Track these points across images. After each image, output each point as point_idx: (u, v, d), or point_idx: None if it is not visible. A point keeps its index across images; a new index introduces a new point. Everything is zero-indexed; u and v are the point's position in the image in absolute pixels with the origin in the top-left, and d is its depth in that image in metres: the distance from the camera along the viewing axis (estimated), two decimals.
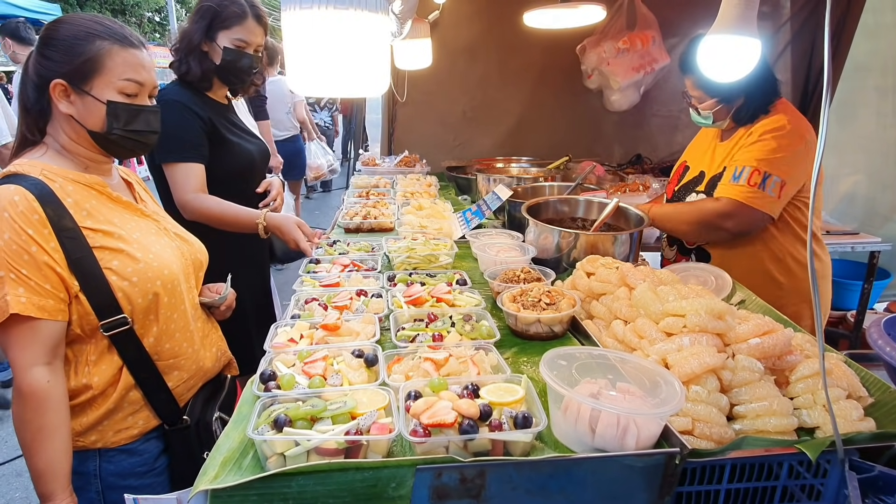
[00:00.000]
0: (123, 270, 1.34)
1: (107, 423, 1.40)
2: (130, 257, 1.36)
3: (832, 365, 1.29)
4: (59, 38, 1.34)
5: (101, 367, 1.37)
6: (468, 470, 1.01)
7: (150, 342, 1.41)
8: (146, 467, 1.47)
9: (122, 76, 1.36)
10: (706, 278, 1.86)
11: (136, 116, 1.40)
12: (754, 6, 1.45)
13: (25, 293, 1.22)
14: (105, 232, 1.35)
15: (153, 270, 1.39)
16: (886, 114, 3.56)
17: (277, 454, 1.01)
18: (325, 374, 1.23)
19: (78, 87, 1.34)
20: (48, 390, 1.26)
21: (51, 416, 1.27)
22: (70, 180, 1.36)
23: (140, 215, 1.49)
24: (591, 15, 2.67)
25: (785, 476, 1.13)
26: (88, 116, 1.36)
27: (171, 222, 1.60)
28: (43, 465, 1.27)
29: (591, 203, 2.36)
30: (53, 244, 1.26)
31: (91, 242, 1.32)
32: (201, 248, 1.64)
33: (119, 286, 1.33)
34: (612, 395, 1.11)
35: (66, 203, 1.31)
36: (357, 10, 1.13)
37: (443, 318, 1.51)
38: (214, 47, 2.04)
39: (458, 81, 3.98)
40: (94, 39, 1.34)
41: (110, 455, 1.42)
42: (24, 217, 1.24)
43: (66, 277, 1.28)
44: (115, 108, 1.36)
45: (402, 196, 3.04)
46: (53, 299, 1.26)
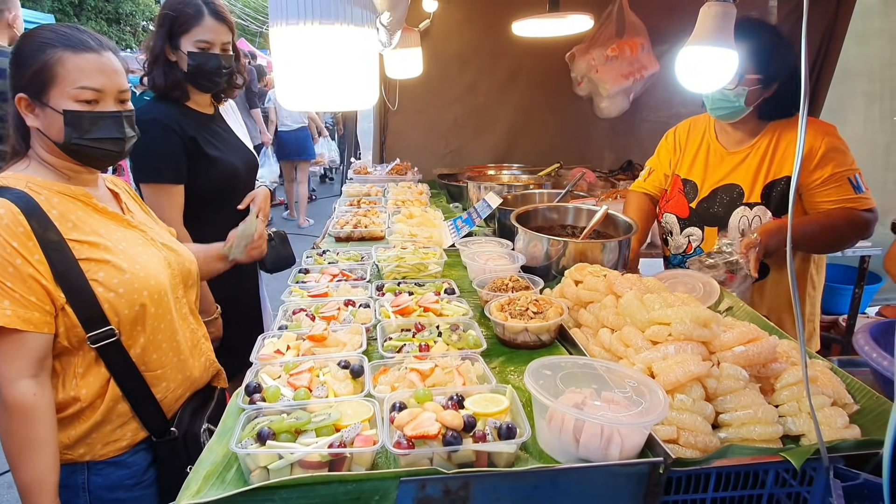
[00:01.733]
0: (109, 282, 1.34)
1: (95, 435, 1.39)
2: (116, 268, 1.35)
3: (817, 372, 1.29)
4: (19, 51, 1.34)
5: (88, 380, 1.36)
6: (452, 481, 1.01)
7: (137, 353, 1.41)
8: (134, 480, 1.46)
9: (75, 84, 1.32)
10: (694, 285, 1.87)
11: (94, 124, 1.35)
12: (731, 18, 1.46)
13: (10, 306, 1.22)
14: (91, 243, 1.35)
15: (140, 281, 1.38)
16: (874, 119, 3.60)
17: (261, 467, 1.00)
18: (311, 385, 1.23)
19: (37, 99, 1.33)
20: (34, 403, 1.26)
21: (37, 429, 1.27)
22: (55, 192, 1.36)
23: (126, 226, 1.48)
24: (578, 24, 2.69)
25: (771, 484, 1.13)
26: (51, 128, 1.35)
27: (160, 232, 1.60)
28: (30, 478, 1.27)
29: (580, 210, 2.37)
30: (38, 256, 1.26)
31: (76, 254, 1.31)
32: (190, 258, 1.63)
33: (105, 297, 1.33)
34: (597, 404, 1.11)
35: (51, 215, 1.31)
36: (343, 25, 1.14)
37: (430, 328, 1.51)
38: (180, 54, 2.00)
39: (449, 89, 4.00)
40: (46, 49, 1.32)
41: (99, 468, 1.41)
42: (8, 230, 1.24)
43: (51, 290, 1.27)
44: (71, 117, 1.33)
45: (394, 204, 3.04)
46: (39, 311, 1.26)
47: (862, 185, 1.93)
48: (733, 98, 1.95)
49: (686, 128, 2.28)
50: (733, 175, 2.08)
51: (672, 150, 2.30)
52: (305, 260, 2.14)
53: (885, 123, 3.62)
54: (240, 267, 2.10)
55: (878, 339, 1.38)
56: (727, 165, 2.10)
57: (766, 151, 2.01)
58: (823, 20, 3.07)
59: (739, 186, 2.06)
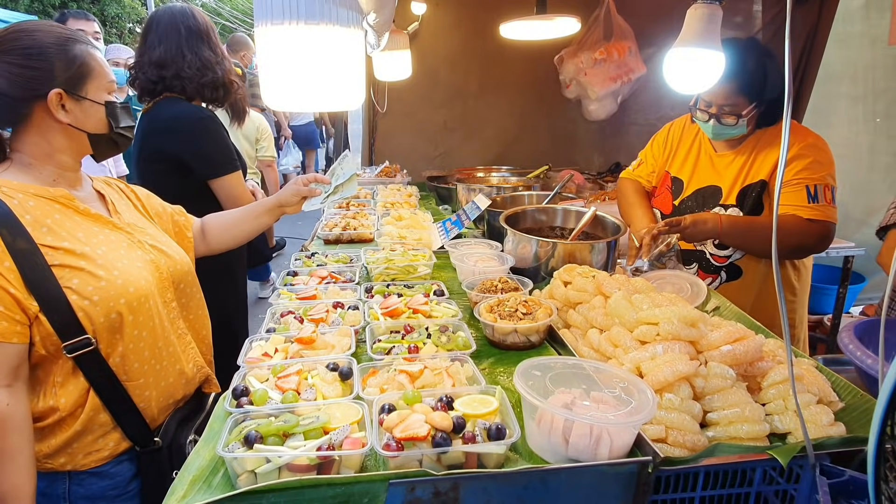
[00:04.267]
0: (84, 289, 1.29)
1: (76, 445, 1.35)
2: (92, 275, 1.31)
3: (803, 370, 1.31)
4: (35, 47, 1.30)
5: (67, 389, 1.32)
6: (442, 483, 1.00)
7: (116, 362, 1.35)
8: (118, 491, 1.42)
9: (107, 77, 1.40)
10: (681, 285, 1.88)
11: (125, 113, 1.44)
12: (717, 20, 1.48)
13: None
14: (66, 250, 1.30)
15: (116, 289, 1.33)
16: (858, 121, 3.65)
17: (248, 471, 0.99)
18: (299, 388, 1.22)
19: (74, 93, 1.34)
20: (6, 413, 1.22)
21: (11, 439, 1.23)
22: (31, 195, 1.31)
23: (111, 228, 1.44)
24: (566, 27, 2.70)
25: (758, 482, 1.14)
26: (88, 120, 1.38)
27: (151, 233, 1.54)
28: (6, 488, 1.23)
29: (568, 212, 2.38)
30: (8, 263, 1.22)
31: (50, 260, 1.27)
32: (183, 259, 1.58)
33: (80, 305, 1.28)
34: (586, 404, 1.11)
35: (23, 220, 1.26)
36: (328, 25, 1.14)
37: (419, 330, 1.51)
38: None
39: (438, 92, 4.00)
40: (70, 44, 1.34)
41: (80, 478, 1.37)
42: None
43: (21, 298, 1.23)
44: (111, 109, 1.40)
45: (383, 206, 3.03)
46: (7, 321, 1.21)
47: (821, 196, 1.90)
48: (734, 129, 2.00)
49: (681, 125, 2.29)
50: (716, 177, 2.11)
51: (664, 146, 2.31)
52: (294, 262, 2.13)
53: (869, 125, 3.68)
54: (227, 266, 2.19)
55: (862, 337, 1.40)
56: (713, 167, 2.13)
57: (749, 156, 2.05)
58: (806, 24, 3.11)
59: (719, 188, 2.09)
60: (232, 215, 1.87)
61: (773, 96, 1.95)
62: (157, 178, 2.08)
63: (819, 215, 1.90)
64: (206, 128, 2.10)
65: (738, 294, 1.99)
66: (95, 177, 1.57)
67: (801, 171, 1.93)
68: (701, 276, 2.16)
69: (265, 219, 1.85)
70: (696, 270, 2.19)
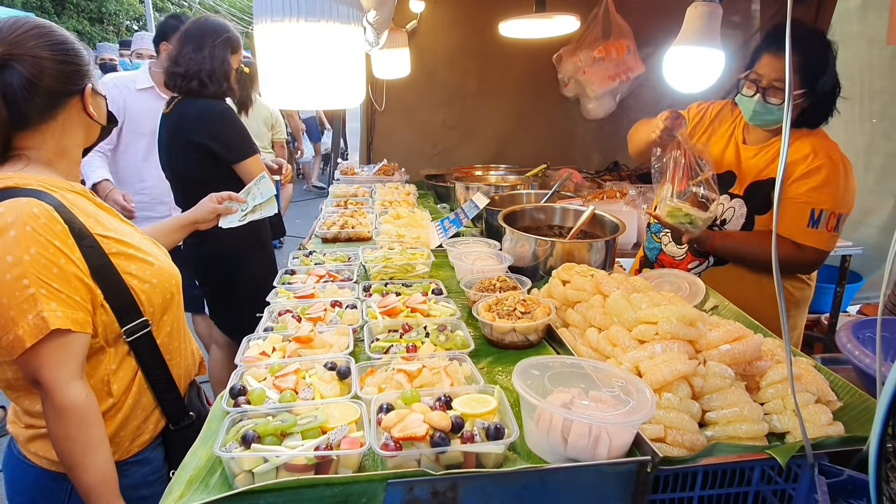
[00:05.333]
0: (143, 274, 1.35)
1: (123, 433, 1.37)
2: (145, 262, 1.37)
3: (802, 370, 1.31)
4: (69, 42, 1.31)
5: (118, 375, 1.34)
6: (440, 483, 1.00)
7: (162, 341, 1.41)
8: (157, 475, 1.46)
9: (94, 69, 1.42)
10: (680, 284, 1.88)
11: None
12: (717, 19, 1.47)
13: (59, 307, 1.17)
14: (115, 239, 1.33)
15: (166, 271, 1.42)
16: (854, 121, 3.65)
17: (245, 471, 0.99)
18: (297, 387, 1.21)
19: (95, 88, 1.38)
20: (88, 405, 1.22)
21: (95, 430, 1.24)
22: (66, 189, 1.31)
23: (121, 220, 1.47)
24: (565, 25, 2.69)
25: (757, 481, 1.14)
26: (101, 113, 1.42)
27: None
28: (94, 479, 1.23)
29: (567, 211, 2.38)
30: (78, 254, 1.23)
31: (107, 249, 1.29)
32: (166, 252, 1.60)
33: (141, 289, 1.34)
34: (585, 404, 1.11)
35: (73, 211, 1.26)
36: (328, 22, 1.13)
37: (417, 329, 1.50)
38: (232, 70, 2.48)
39: (437, 90, 3.99)
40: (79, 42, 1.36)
41: (124, 468, 1.38)
42: (48, 229, 1.18)
43: (92, 287, 1.25)
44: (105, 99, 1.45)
45: (381, 205, 3.03)
46: (83, 311, 1.22)
47: (823, 223, 1.85)
48: (775, 111, 1.92)
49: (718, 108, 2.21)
50: (736, 165, 2.09)
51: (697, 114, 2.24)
52: (292, 261, 2.12)
53: (865, 125, 3.68)
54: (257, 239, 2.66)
55: (860, 336, 1.40)
56: (736, 156, 2.10)
57: (774, 155, 2.01)
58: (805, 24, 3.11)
59: (735, 176, 2.08)
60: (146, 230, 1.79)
61: (824, 90, 1.88)
62: (189, 166, 2.47)
63: (813, 242, 1.87)
64: (227, 119, 2.44)
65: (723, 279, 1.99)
66: None
67: (813, 189, 1.87)
68: (690, 257, 2.19)
69: (177, 235, 1.84)
70: (685, 251, 2.21)
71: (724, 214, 2.09)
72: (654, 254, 2.34)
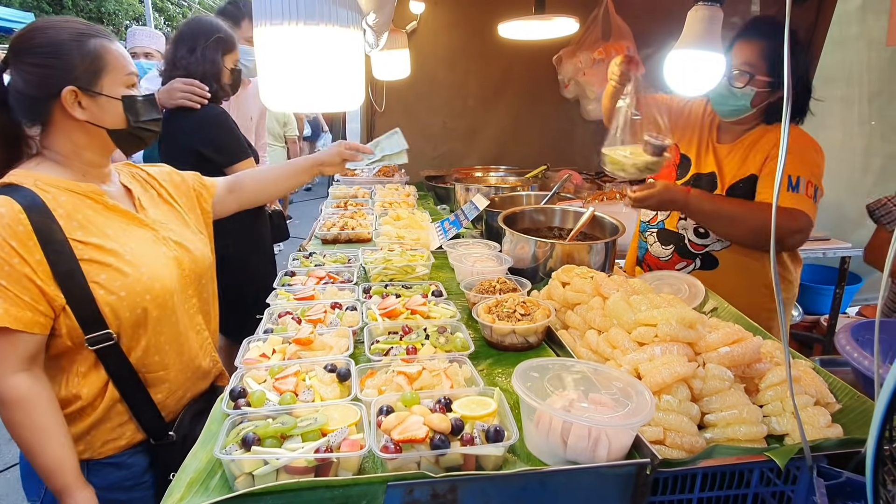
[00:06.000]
0: (111, 284, 1.32)
1: (94, 433, 1.39)
2: (119, 271, 1.34)
3: (800, 372, 1.31)
4: (50, 44, 1.30)
5: (89, 379, 1.36)
6: (440, 485, 1.00)
7: (137, 356, 1.40)
8: (133, 481, 1.46)
9: (124, 70, 1.38)
10: (679, 287, 1.88)
11: (145, 107, 1.42)
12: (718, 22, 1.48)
13: (2, 304, 1.21)
14: (95, 245, 1.33)
15: (142, 285, 1.37)
16: (853, 123, 3.66)
17: (245, 474, 0.99)
18: (297, 389, 1.21)
19: (89, 89, 1.32)
20: (29, 394, 1.26)
21: (41, 417, 1.27)
22: (64, 190, 1.33)
23: (138, 224, 1.46)
24: (564, 27, 2.70)
25: (756, 483, 1.14)
26: (105, 116, 1.36)
27: (174, 229, 1.56)
28: (48, 461, 1.27)
29: (566, 212, 2.38)
30: (39, 256, 1.24)
31: (79, 255, 1.29)
32: (203, 255, 1.60)
33: (106, 300, 1.31)
34: (584, 406, 1.11)
35: (56, 214, 1.29)
36: (328, 26, 1.13)
37: (417, 331, 1.50)
38: (225, 70, 2.44)
39: (437, 91, 3.99)
40: (85, 39, 1.32)
41: (97, 468, 1.41)
42: (8, 228, 1.22)
43: (48, 291, 1.26)
44: (130, 103, 1.38)
45: (381, 206, 3.03)
46: (31, 311, 1.24)
47: (802, 187, 1.84)
48: (740, 96, 1.92)
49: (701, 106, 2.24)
50: (716, 165, 2.10)
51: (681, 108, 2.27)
52: (292, 262, 2.12)
53: (864, 127, 3.69)
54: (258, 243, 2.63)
55: (859, 338, 1.40)
56: (714, 155, 2.11)
57: (747, 151, 2.02)
58: (803, 27, 3.12)
59: (716, 176, 2.08)
60: (270, 172, 1.97)
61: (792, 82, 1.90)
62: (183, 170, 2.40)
63: (795, 203, 1.83)
64: (221, 123, 2.40)
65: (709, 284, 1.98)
66: (121, 164, 1.59)
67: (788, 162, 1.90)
68: (675, 258, 2.18)
69: (303, 177, 1.95)
70: (672, 252, 2.20)
71: None
72: (641, 253, 2.35)
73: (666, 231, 2.21)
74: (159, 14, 21.78)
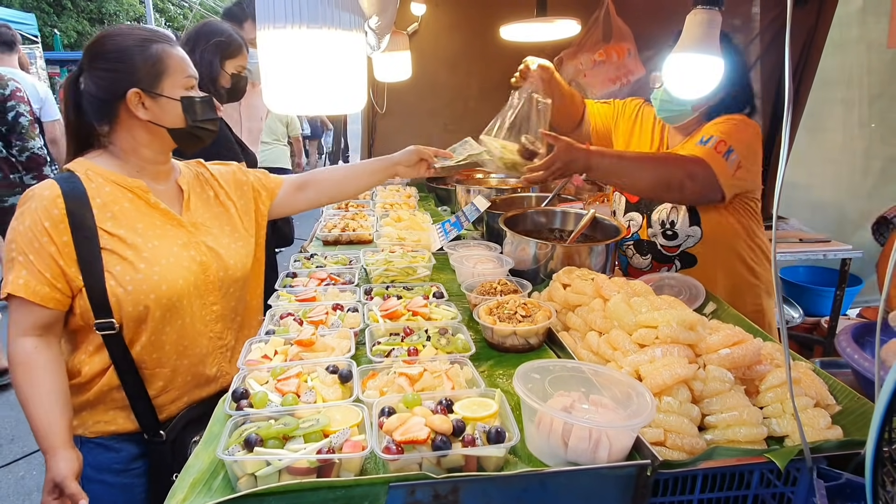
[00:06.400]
0: (122, 277, 1.40)
1: (88, 411, 1.47)
2: (132, 266, 1.41)
3: (801, 374, 1.31)
4: (117, 50, 1.41)
5: (93, 359, 1.45)
6: (441, 486, 1.01)
7: (137, 350, 1.45)
8: (122, 465, 1.50)
9: (184, 73, 1.46)
10: (680, 289, 1.88)
11: (203, 107, 1.50)
12: (716, 26, 1.48)
13: (26, 276, 1.33)
14: (120, 237, 1.41)
15: (149, 283, 1.42)
16: (853, 125, 3.67)
17: (248, 474, 0.99)
18: (299, 391, 1.22)
19: (151, 91, 1.42)
20: (33, 356, 1.36)
21: (39, 379, 1.36)
22: (110, 181, 1.44)
23: (174, 224, 1.52)
24: (566, 29, 2.71)
25: (756, 484, 1.14)
26: (165, 116, 1.45)
27: (215, 233, 1.60)
28: (38, 422, 1.34)
29: (567, 214, 2.39)
30: (66, 238, 1.35)
31: (103, 243, 1.39)
32: (238, 265, 1.63)
33: (114, 291, 1.39)
34: (585, 408, 1.12)
35: (93, 203, 1.39)
36: (331, 29, 1.14)
37: (418, 332, 1.51)
38: (224, 74, 2.41)
39: (438, 93, 4.00)
40: (148, 44, 1.42)
41: (89, 446, 1.47)
42: (45, 210, 1.35)
43: (68, 272, 1.36)
44: (188, 103, 1.46)
45: (382, 207, 3.04)
46: (49, 287, 1.35)
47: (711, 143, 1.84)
48: (680, 102, 1.97)
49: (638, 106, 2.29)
50: None
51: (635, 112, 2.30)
52: (293, 264, 2.13)
53: (864, 130, 3.69)
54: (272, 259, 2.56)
55: (859, 340, 1.41)
56: None
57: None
58: (804, 29, 3.13)
59: None
60: (343, 170, 2.02)
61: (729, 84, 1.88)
62: None
63: (697, 153, 1.84)
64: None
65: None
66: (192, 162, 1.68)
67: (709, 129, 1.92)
68: (656, 266, 2.19)
69: (378, 176, 2.01)
70: (650, 261, 2.21)
71: (669, 218, 2.10)
72: (624, 265, 2.35)
73: (640, 242, 2.23)
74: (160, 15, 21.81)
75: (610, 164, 1.89)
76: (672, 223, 2.11)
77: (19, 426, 3.60)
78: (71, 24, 19.54)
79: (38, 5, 17.69)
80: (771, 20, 3.53)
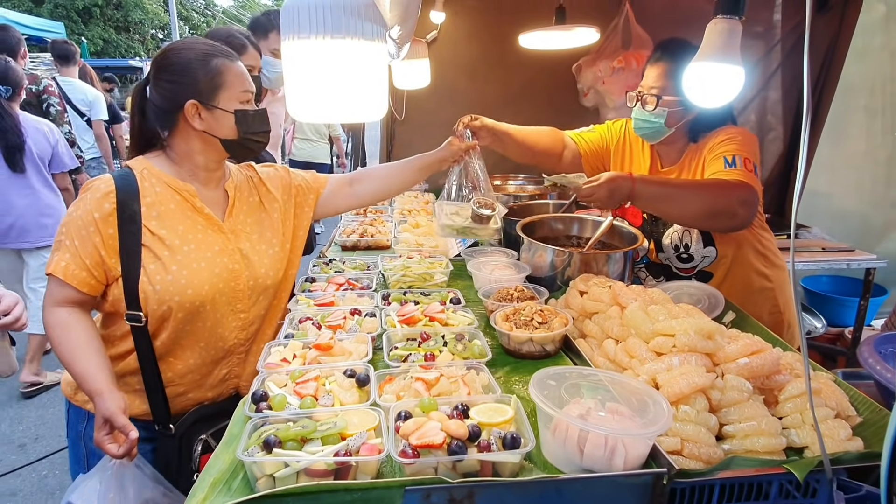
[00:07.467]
0: (153, 276, 1.47)
1: None
2: (164, 267, 1.48)
3: (821, 384, 1.30)
4: (180, 63, 1.49)
5: (122, 343, 1.54)
6: (457, 491, 1.01)
7: (157, 344, 1.52)
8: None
9: (240, 87, 1.53)
10: (699, 297, 1.87)
11: (255, 120, 1.56)
12: (737, 35, 1.48)
13: (69, 259, 1.43)
14: (161, 237, 1.49)
15: (176, 286, 1.48)
16: (876, 133, 3.60)
17: (267, 475, 1.01)
18: (317, 394, 1.24)
19: (207, 103, 1.49)
20: (67, 319, 1.45)
21: (76, 333, 1.44)
22: (162, 182, 1.53)
23: (214, 230, 1.58)
24: (585, 37, 2.72)
25: (775, 495, 1.13)
26: (219, 127, 1.52)
27: (253, 239, 1.66)
28: (81, 368, 1.41)
29: (585, 221, 2.38)
30: (112, 231, 1.44)
31: (144, 240, 1.47)
32: (269, 273, 1.67)
33: (144, 287, 1.46)
34: (601, 415, 1.12)
35: (143, 201, 1.48)
36: (354, 39, 1.16)
37: (435, 338, 1.52)
38: None
39: (457, 100, 4.01)
40: (210, 58, 1.49)
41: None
42: (97, 202, 1.44)
43: (108, 262, 1.45)
44: (241, 116, 1.53)
45: (400, 213, 3.06)
46: (87, 273, 1.44)
47: (738, 164, 1.82)
48: (653, 118, 1.98)
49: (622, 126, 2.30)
50: None
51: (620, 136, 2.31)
52: (312, 269, 2.16)
53: (887, 138, 3.63)
54: None
55: (882, 351, 1.38)
56: None
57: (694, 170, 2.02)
58: (826, 37, 3.09)
59: None
60: (388, 168, 2.08)
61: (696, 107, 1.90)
62: None
63: (738, 176, 1.80)
64: None
65: None
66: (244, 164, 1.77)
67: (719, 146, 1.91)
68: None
69: (422, 174, 2.06)
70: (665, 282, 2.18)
71: (682, 241, 2.10)
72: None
73: (653, 265, 2.23)
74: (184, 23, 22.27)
75: (656, 191, 1.83)
76: (686, 246, 2.09)
77: (43, 426, 3.68)
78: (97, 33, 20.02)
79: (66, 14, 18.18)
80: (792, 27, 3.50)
